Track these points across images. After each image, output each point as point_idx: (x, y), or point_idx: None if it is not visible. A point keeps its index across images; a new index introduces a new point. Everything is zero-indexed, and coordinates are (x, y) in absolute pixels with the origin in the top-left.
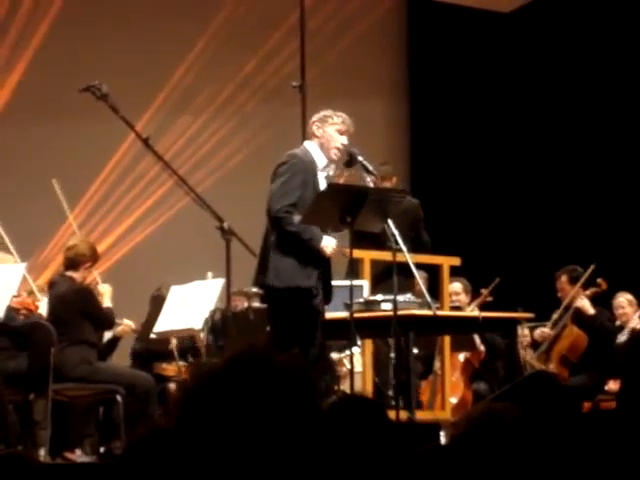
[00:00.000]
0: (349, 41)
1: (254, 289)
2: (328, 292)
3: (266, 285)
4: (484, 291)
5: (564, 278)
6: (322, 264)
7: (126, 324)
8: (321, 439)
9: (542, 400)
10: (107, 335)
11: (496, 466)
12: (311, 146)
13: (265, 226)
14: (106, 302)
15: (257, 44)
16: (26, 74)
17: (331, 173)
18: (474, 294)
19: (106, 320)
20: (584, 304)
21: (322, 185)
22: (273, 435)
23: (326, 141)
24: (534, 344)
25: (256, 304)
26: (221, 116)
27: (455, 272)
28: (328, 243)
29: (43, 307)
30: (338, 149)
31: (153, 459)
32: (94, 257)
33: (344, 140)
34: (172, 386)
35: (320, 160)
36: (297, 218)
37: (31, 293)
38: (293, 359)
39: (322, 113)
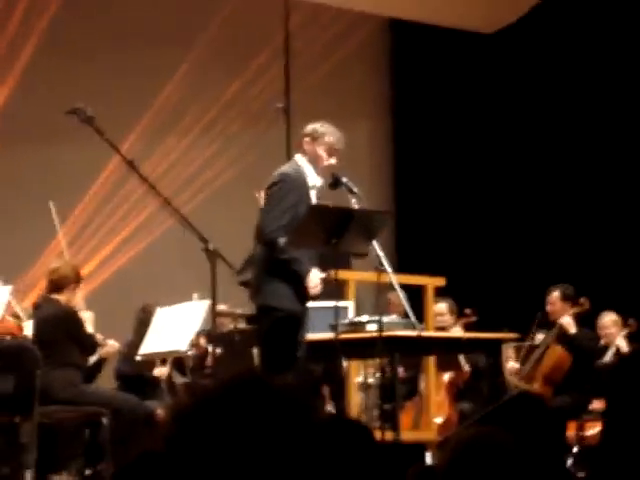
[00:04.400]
0: (333, 63)
1: (239, 310)
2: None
3: (263, 305)
4: (468, 311)
5: (557, 294)
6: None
7: (111, 345)
8: (312, 460)
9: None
10: (92, 357)
11: None
12: (302, 160)
13: (254, 247)
14: (88, 328)
15: (241, 66)
16: (11, 96)
17: (319, 184)
18: (459, 314)
19: (89, 345)
20: (567, 322)
21: (314, 200)
22: (267, 460)
23: (315, 159)
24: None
25: (242, 325)
26: (206, 138)
27: (440, 292)
28: (313, 279)
29: (28, 329)
30: (326, 168)
31: None
32: (77, 278)
33: (333, 161)
34: (159, 410)
35: (311, 175)
36: (282, 240)
37: (16, 316)
38: (289, 384)
39: (315, 127)
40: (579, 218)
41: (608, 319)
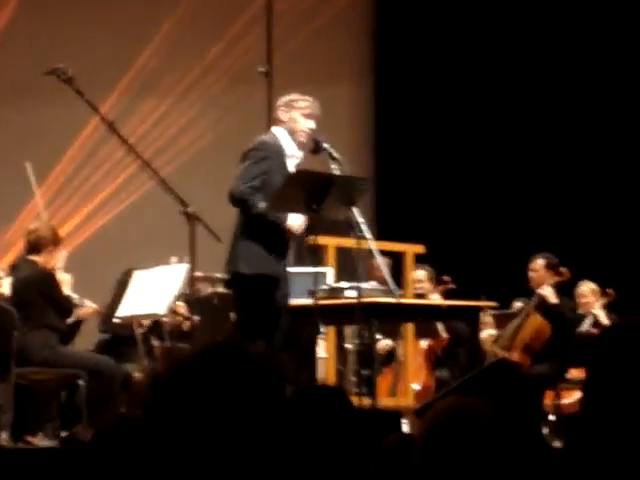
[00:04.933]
0: (316, 26)
1: (218, 274)
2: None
3: (235, 272)
4: (446, 278)
5: (542, 262)
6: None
7: (88, 306)
8: (287, 427)
9: (504, 389)
10: (70, 319)
11: (466, 462)
12: (279, 132)
13: (235, 213)
14: (65, 290)
15: (223, 28)
16: None
17: (299, 162)
18: (438, 281)
19: (66, 307)
20: (548, 292)
21: (291, 169)
22: (243, 425)
23: (293, 125)
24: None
25: (220, 289)
26: (186, 100)
27: (419, 260)
28: (294, 221)
29: (5, 287)
30: (306, 133)
31: (120, 448)
32: (56, 240)
33: (311, 124)
34: (136, 374)
35: (289, 146)
36: (263, 204)
37: None
38: (265, 349)
39: (288, 97)
40: (560, 187)
41: (586, 288)
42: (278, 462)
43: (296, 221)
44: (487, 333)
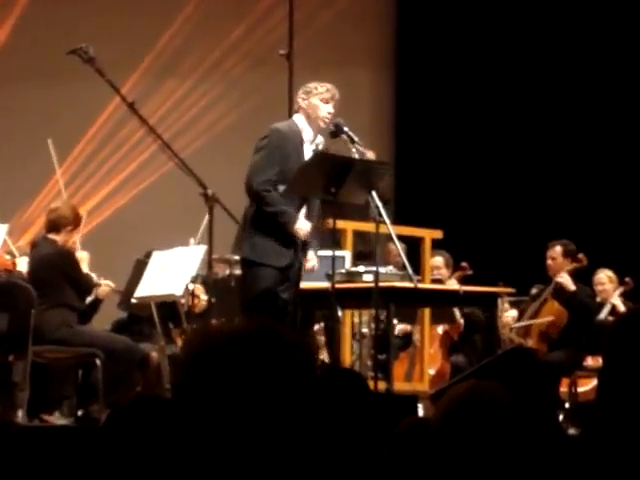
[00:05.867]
0: (338, 10)
1: (235, 257)
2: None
3: (241, 257)
4: (464, 264)
5: (559, 249)
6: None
7: (107, 284)
8: (314, 411)
9: (520, 375)
10: (88, 298)
11: (482, 447)
12: (298, 118)
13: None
14: (83, 268)
15: (245, 10)
16: (12, 35)
17: (320, 147)
18: (455, 267)
19: (85, 285)
20: (565, 280)
21: (308, 154)
22: (274, 406)
23: (312, 111)
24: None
25: (237, 271)
26: (207, 82)
27: (436, 246)
28: (302, 226)
29: (22, 265)
30: (325, 117)
31: (136, 427)
32: (76, 220)
33: (330, 108)
34: (153, 353)
35: (307, 132)
36: (281, 188)
37: (10, 254)
38: (298, 333)
39: (306, 85)
40: (579, 173)
41: (604, 275)
42: (303, 444)
43: (304, 227)
44: (507, 318)
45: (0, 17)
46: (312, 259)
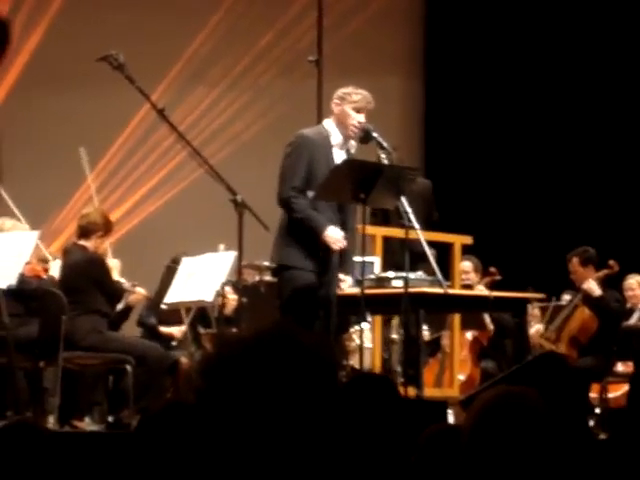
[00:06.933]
0: (367, 16)
1: (265, 263)
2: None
3: (279, 264)
4: (493, 270)
5: (575, 260)
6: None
7: (138, 292)
8: (339, 416)
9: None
10: (119, 304)
11: (514, 452)
12: (328, 123)
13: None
14: (114, 276)
15: (274, 17)
16: (43, 41)
17: (353, 151)
18: (484, 273)
19: (115, 292)
20: (590, 286)
21: (336, 158)
22: (296, 411)
23: (343, 118)
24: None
25: (267, 277)
26: (236, 89)
27: (466, 250)
28: (332, 234)
29: (54, 269)
30: (354, 126)
31: (166, 433)
32: (107, 226)
33: (361, 118)
34: (183, 359)
35: (336, 136)
36: (310, 194)
37: (42, 260)
38: (319, 337)
39: (343, 90)
40: (609, 180)
41: (634, 281)
42: (329, 448)
43: (335, 234)
44: (535, 329)
45: (31, 24)
46: (346, 281)
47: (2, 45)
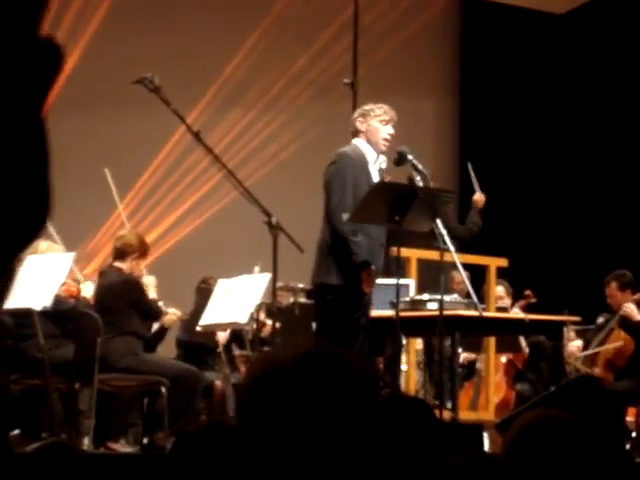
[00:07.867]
0: (401, 39)
1: (300, 285)
2: None
3: (323, 283)
4: (528, 292)
5: (614, 285)
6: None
7: (173, 313)
8: (377, 438)
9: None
10: (155, 325)
11: (553, 476)
12: (359, 142)
13: (319, 225)
14: (151, 294)
15: (309, 40)
16: (79, 63)
17: (384, 166)
18: (516, 296)
19: (153, 311)
20: (630, 310)
21: (375, 178)
22: (338, 432)
23: (372, 134)
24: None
25: (302, 299)
26: (271, 111)
27: (498, 274)
28: (366, 280)
29: (87, 290)
30: (386, 139)
31: (202, 454)
32: (142, 248)
33: (390, 129)
34: (218, 382)
35: (370, 154)
36: (345, 216)
37: (76, 281)
38: (361, 359)
39: (363, 108)
40: None
41: None
42: (370, 469)
43: (368, 280)
44: (576, 344)
45: (67, 46)
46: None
47: (54, 73)
